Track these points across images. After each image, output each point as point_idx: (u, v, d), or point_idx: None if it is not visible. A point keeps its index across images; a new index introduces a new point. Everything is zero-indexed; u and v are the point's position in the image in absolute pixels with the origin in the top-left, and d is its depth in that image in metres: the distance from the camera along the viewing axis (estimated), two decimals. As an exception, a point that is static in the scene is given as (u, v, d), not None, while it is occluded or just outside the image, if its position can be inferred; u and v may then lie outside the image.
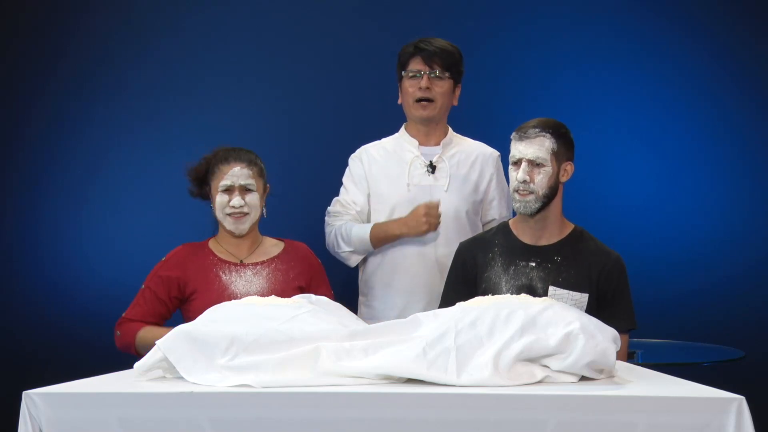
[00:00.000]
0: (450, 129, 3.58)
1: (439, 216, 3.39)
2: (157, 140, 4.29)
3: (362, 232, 3.46)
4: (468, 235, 3.42)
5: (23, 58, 4.30)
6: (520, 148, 3.03)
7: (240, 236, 3.19)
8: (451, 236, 3.42)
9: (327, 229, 3.58)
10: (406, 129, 3.58)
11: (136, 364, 2.40)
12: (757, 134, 4.35)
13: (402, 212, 3.46)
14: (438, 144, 3.53)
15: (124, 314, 3.18)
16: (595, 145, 4.24)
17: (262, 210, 3.21)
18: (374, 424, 2.17)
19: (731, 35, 4.35)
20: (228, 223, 3.16)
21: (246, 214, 3.15)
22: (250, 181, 3.15)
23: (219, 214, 3.18)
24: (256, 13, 4.32)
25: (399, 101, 3.56)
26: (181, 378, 2.33)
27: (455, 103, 3.54)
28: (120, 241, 4.27)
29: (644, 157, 4.35)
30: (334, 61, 4.31)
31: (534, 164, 3.02)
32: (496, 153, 3.59)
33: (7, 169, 4.30)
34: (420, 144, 3.53)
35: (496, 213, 3.55)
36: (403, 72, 3.49)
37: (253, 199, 3.16)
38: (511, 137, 3.08)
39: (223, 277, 3.16)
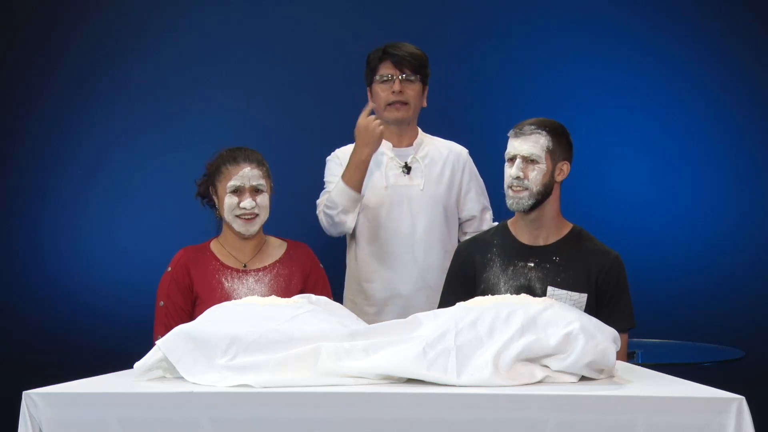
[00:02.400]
0: (420, 130, 3.64)
1: (376, 118, 3.43)
2: (157, 140, 4.29)
3: (338, 186, 3.47)
4: (444, 231, 3.54)
5: (23, 58, 4.30)
6: (515, 145, 3.04)
7: (247, 237, 3.15)
8: (427, 234, 3.51)
9: (319, 216, 3.57)
10: None
11: (136, 364, 2.40)
12: (757, 134, 4.35)
13: (380, 214, 3.52)
14: (410, 145, 3.59)
15: (155, 339, 3.02)
16: (595, 145, 4.24)
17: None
18: (374, 424, 2.17)
19: (731, 35, 4.35)
20: (237, 225, 3.11)
21: (256, 215, 3.11)
22: (261, 182, 3.11)
23: (228, 216, 3.12)
24: (256, 13, 4.32)
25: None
26: (181, 378, 2.34)
27: (424, 104, 3.60)
28: (120, 241, 4.27)
29: (644, 157, 4.35)
30: (334, 61, 4.31)
31: (528, 161, 3.03)
32: (465, 150, 3.66)
33: (7, 169, 4.30)
34: (393, 146, 3.58)
35: (473, 205, 3.62)
36: (374, 77, 3.55)
37: (264, 200, 3.12)
38: (508, 135, 3.09)
39: (226, 284, 3.12)
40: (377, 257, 3.54)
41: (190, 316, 3.07)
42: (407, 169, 3.56)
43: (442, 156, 3.60)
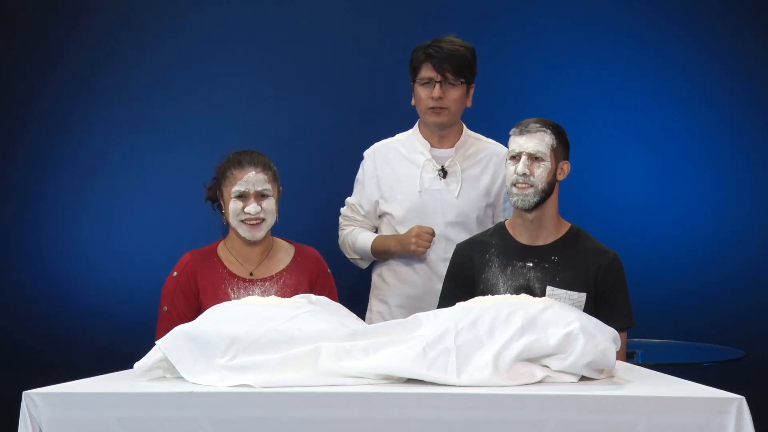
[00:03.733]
0: (465, 128, 3.54)
1: (430, 241, 3.38)
2: (157, 140, 4.29)
3: (365, 243, 3.50)
4: None
5: (23, 58, 4.30)
6: (520, 142, 3.04)
7: (254, 243, 3.11)
8: (460, 240, 3.36)
9: (339, 233, 3.60)
10: (419, 128, 3.54)
11: (136, 364, 2.40)
12: (757, 134, 4.35)
13: (413, 217, 3.44)
14: (451, 146, 3.49)
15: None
16: (594, 145, 4.24)
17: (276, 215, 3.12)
18: (374, 424, 2.17)
19: (731, 35, 4.34)
20: (243, 231, 3.07)
21: (263, 220, 3.06)
22: (267, 186, 3.06)
23: (233, 221, 3.07)
24: (257, 13, 4.31)
25: (412, 103, 3.50)
26: (181, 378, 2.34)
27: (469, 104, 3.49)
28: (120, 241, 4.27)
29: (644, 157, 4.35)
30: (337, 60, 4.31)
31: (534, 158, 3.02)
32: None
33: (7, 169, 4.30)
34: (433, 146, 3.49)
35: (509, 214, 3.49)
36: (416, 77, 3.42)
37: (270, 205, 3.07)
38: (510, 132, 3.08)
39: (232, 295, 3.08)
40: (406, 263, 3.47)
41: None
42: (443, 173, 3.45)
43: (483, 160, 3.49)
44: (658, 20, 4.34)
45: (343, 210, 3.62)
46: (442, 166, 3.46)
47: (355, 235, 3.54)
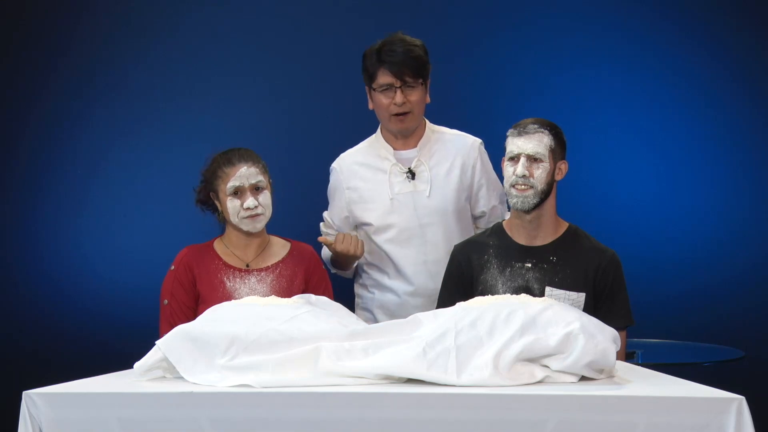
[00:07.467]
0: (427, 123, 3.46)
1: (351, 240, 3.33)
2: (157, 140, 4.29)
3: (326, 258, 3.48)
4: (456, 234, 3.38)
5: (23, 58, 4.30)
6: (518, 144, 3.03)
7: (253, 236, 3.13)
8: (438, 239, 3.37)
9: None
10: (381, 132, 3.45)
11: (136, 364, 2.40)
12: (757, 134, 4.35)
13: (388, 224, 3.39)
14: (415, 146, 3.41)
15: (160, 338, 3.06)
16: (594, 145, 4.24)
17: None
18: (374, 424, 2.18)
19: (731, 35, 4.35)
20: (244, 225, 3.09)
21: (261, 213, 3.09)
22: (260, 179, 3.09)
23: (233, 219, 3.09)
24: (255, 13, 4.32)
25: (370, 107, 3.41)
26: (181, 378, 2.34)
27: (428, 101, 3.38)
28: (120, 242, 4.27)
29: (644, 157, 4.35)
30: (333, 60, 4.31)
31: (532, 159, 3.02)
32: (477, 141, 3.47)
33: (7, 169, 4.30)
34: (396, 149, 3.41)
35: (485, 202, 3.47)
36: (372, 83, 3.33)
37: (266, 198, 3.10)
38: (508, 134, 3.07)
39: (228, 283, 3.11)
40: (385, 270, 3.43)
41: (195, 312, 3.06)
42: (411, 174, 3.39)
43: (450, 154, 3.42)
44: (658, 20, 4.34)
45: (321, 225, 3.55)
46: (409, 168, 3.39)
47: (326, 254, 3.50)
